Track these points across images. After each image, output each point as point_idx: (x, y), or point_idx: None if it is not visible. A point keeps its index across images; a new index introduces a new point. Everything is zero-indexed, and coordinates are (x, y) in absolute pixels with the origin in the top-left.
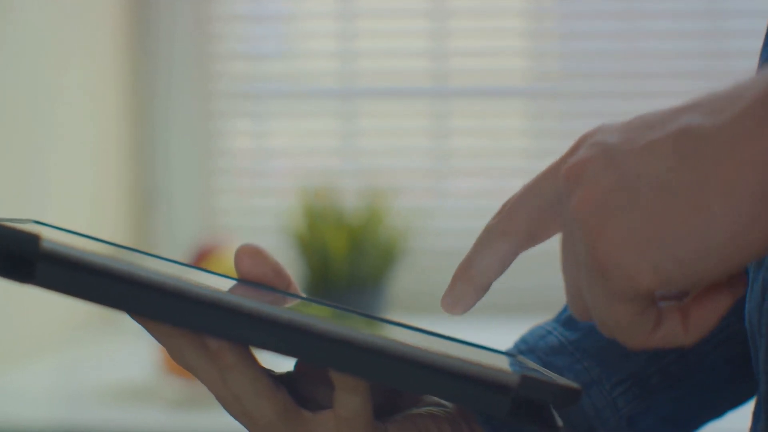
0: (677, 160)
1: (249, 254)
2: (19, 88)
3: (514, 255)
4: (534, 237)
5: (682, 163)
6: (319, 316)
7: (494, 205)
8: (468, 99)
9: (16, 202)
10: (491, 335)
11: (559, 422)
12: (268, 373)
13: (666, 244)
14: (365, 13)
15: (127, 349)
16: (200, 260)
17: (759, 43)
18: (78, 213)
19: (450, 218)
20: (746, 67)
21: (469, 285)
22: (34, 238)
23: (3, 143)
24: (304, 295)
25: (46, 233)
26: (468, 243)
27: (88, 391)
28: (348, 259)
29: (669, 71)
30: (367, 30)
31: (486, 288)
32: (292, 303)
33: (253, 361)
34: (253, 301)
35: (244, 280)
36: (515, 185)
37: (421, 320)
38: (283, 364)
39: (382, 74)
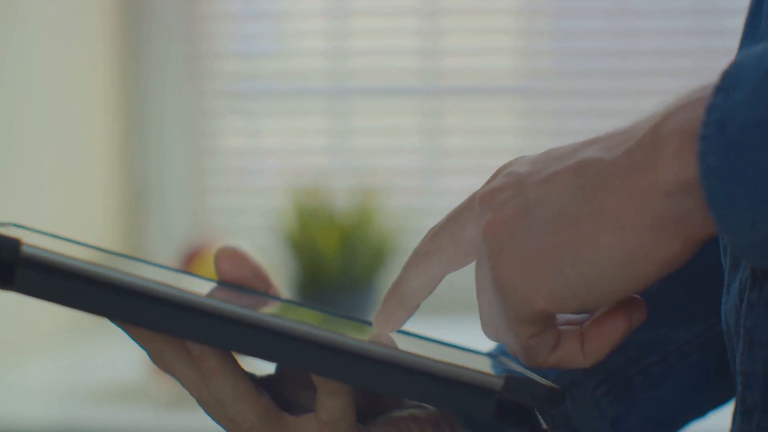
0: (574, 191)
1: (229, 256)
2: (8, 88)
3: (440, 277)
4: (455, 261)
5: (577, 194)
6: (299, 320)
7: None
8: (460, 98)
9: (4, 202)
10: (479, 335)
11: (544, 425)
12: (250, 377)
13: (558, 270)
14: (357, 12)
15: (117, 349)
16: (191, 260)
17: None
18: (68, 212)
19: (441, 217)
20: None
21: (399, 305)
22: (14, 243)
23: None
24: (284, 296)
25: (26, 238)
26: None
27: (79, 391)
28: (339, 258)
29: (660, 69)
30: (359, 28)
31: (415, 307)
32: (272, 305)
33: (235, 365)
34: (232, 306)
35: (224, 283)
36: None
37: (413, 320)
38: (265, 367)
39: (373, 73)
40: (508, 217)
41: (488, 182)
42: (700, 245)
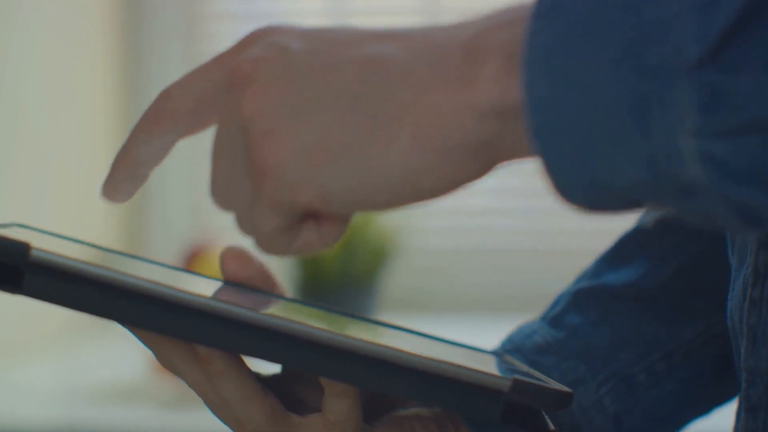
0: (361, 87)
1: (234, 257)
2: (9, 87)
3: (171, 144)
4: (189, 127)
5: (366, 92)
6: (305, 322)
7: (487, 203)
8: None
9: (6, 201)
10: (480, 333)
11: (551, 426)
12: (257, 377)
13: (336, 168)
14: (357, 12)
15: (119, 349)
16: (192, 260)
17: None
18: (69, 212)
19: (442, 217)
20: None
21: (128, 174)
22: (23, 248)
23: None
24: (290, 296)
25: (33, 240)
26: (461, 242)
27: (80, 391)
28: (340, 258)
29: None
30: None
31: (146, 176)
32: (278, 305)
33: (242, 365)
34: (240, 309)
35: (230, 283)
36: (508, 183)
37: (414, 319)
38: (271, 366)
39: None
40: (279, 94)
41: (241, 48)
42: (495, 169)
